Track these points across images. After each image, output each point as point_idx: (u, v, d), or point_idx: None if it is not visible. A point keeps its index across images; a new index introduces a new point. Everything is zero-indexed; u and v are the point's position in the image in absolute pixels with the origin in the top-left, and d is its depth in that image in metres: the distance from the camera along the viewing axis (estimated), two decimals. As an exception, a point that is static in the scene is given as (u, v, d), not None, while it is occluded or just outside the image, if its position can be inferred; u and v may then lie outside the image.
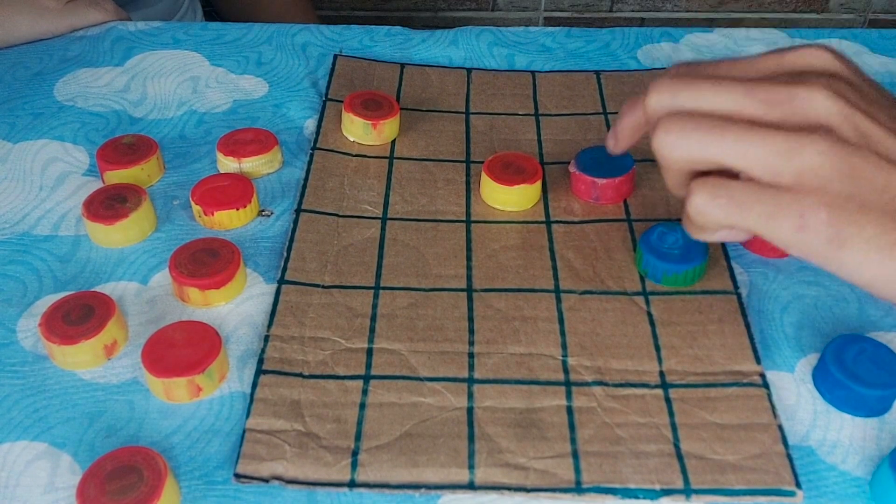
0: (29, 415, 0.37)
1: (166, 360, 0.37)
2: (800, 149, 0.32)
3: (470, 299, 0.42)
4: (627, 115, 0.40)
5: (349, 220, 0.47)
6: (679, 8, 1.33)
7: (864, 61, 0.62)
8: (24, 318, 0.41)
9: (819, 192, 0.32)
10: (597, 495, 0.34)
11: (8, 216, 0.47)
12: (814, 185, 0.32)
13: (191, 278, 0.41)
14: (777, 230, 0.32)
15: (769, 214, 0.32)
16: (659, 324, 0.41)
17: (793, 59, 0.35)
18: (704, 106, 0.34)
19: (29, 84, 0.57)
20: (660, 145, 0.34)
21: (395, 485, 0.34)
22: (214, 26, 0.64)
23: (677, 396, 0.38)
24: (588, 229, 0.46)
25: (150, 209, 0.46)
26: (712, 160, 0.34)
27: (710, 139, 0.33)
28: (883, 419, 0.37)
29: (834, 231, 0.31)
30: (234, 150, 0.49)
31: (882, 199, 0.32)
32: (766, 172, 0.32)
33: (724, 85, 0.34)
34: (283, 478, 0.34)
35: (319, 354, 0.39)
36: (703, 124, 0.33)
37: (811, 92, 0.33)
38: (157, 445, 0.36)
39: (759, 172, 0.33)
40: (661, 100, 0.35)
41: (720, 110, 0.34)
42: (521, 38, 0.64)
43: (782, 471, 0.35)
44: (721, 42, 0.64)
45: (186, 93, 0.57)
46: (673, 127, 0.34)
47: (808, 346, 0.41)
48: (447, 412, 0.37)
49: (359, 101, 0.52)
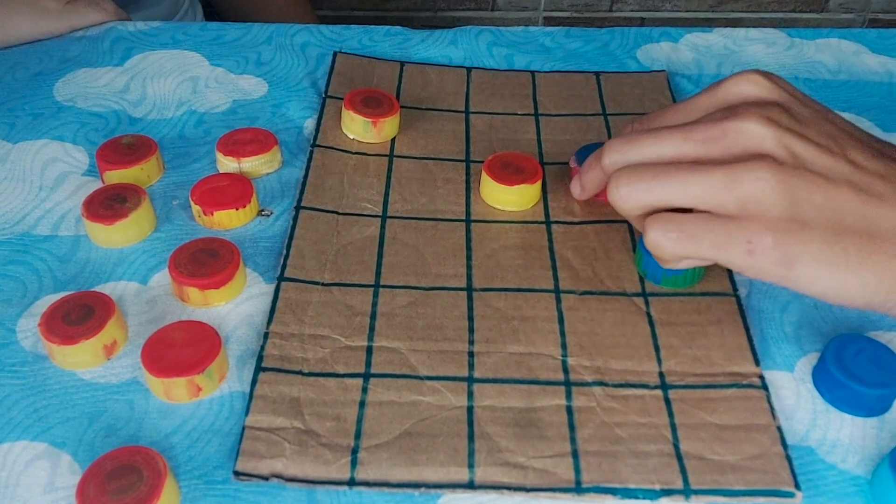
0: (29, 415, 0.37)
1: (166, 360, 0.37)
2: (738, 179, 0.34)
3: (470, 298, 0.42)
4: (590, 171, 0.43)
5: (349, 217, 0.47)
6: (679, 8, 1.33)
7: (864, 61, 0.62)
8: (23, 318, 0.41)
9: (762, 217, 0.34)
10: (596, 495, 0.34)
11: (8, 216, 0.47)
12: (757, 211, 0.34)
13: (190, 278, 0.41)
14: (729, 257, 0.35)
15: (719, 244, 0.34)
16: (658, 324, 0.41)
17: (726, 91, 0.38)
18: (650, 157, 0.37)
19: (29, 84, 0.57)
20: (614, 198, 0.37)
21: (395, 483, 0.34)
22: (214, 26, 0.64)
23: (677, 397, 0.38)
24: (588, 230, 0.46)
25: (149, 209, 0.46)
26: (662, 203, 0.36)
27: (655, 185, 0.36)
28: (882, 419, 0.37)
29: (781, 253, 0.33)
30: (234, 150, 0.49)
31: (823, 216, 0.33)
32: (712, 205, 0.35)
33: (664, 135, 0.37)
34: (282, 475, 0.34)
35: (319, 352, 0.39)
36: (647, 173, 0.36)
37: (743, 123, 0.35)
38: (156, 445, 0.36)
39: (705, 206, 0.35)
40: (613, 158, 0.39)
41: (665, 157, 0.37)
42: (520, 38, 0.64)
43: (781, 471, 0.35)
44: (720, 42, 0.64)
45: (186, 93, 0.57)
46: (622, 181, 0.37)
47: (808, 345, 0.41)
48: (447, 411, 0.37)
49: (359, 98, 0.52)
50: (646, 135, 0.38)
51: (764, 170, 0.34)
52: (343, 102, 0.52)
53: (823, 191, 0.34)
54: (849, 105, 0.58)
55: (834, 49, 0.64)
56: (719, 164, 0.35)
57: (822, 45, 0.64)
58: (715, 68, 0.61)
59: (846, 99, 0.58)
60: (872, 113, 0.57)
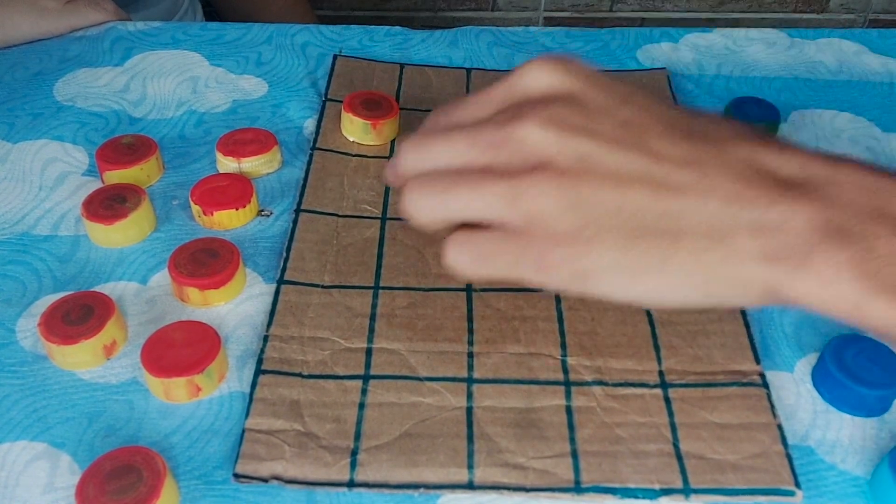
0: (28, 415, 0.37)
1: (166, 360, 0.37)
2: (521, 192, 0.31)
3: (469, 299, 0.42)
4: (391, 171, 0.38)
5: (349, 220, 0.47)
6: (679, 8, 1.33)
7: (864, 61, 0.62)
8: (23, 318, 0.41)
9: (549, 230, 0.31)
10: (596, 495, 0.34)
11: (7, 216, 0.47)
12: (544, 225, 0.31)
13: (190, 278, 0.41)
14: (524, 275, 0.32)
15: (512, 262, 0.32)
16: (658, 323, 0.41)
17: (514, 85, 0.34)
18: (442, 164, 0.34)
19: (28, 84, 0.57)
20: (407, 211, 0.34)
21: (395, 484, 0.34)
22: (214, 26, 0.64)
23: (677, 396, 0.38)
24: (587, 229, 0.46)
25: (149, 209, 0.46)
26: (455, 217, 0.33)
27: (445, 198, 0.33)
28: (882, 419, 0.37)
29: (572, 268, 0.31)
30: (234, 150, 0.49)
31: (617, 222, 0.30)
32: (499, 221, 0.32)
33: (453, 139, 0.34)
34: (282, 478, 0.34)
35: (319, 354, 0.39)
36: (437, 184, 0.33)
37: (524, 128, 0.32)
38: (156, 445, 0.36)
39: (493, 222, 0.32)
40: (408, 164, 0.35)
41: (456, 165, 0.33)
42: (520, 38, 0.64)
43: (782, 470, 0.35)
44: (721, 42, 0.64)
45: (186, 93, 0.57)
46: (413, 193, 0.34)
47: (808, 345, 0.41)
48: (446, 412, 0.37)
49: (358, 100, 0.52)
50: (438, 137, 0.34)
51: (545, 182, 0.31)
52: (342, 105, 0.52)
53: (614, 194, 0.30)
54: (849, 105, 0.58)
55: (835, 49, 0.64)
56: (505, 174, 0.32)
57: (822, 46, 0.64)
58: (715, 68, 0.61)
59: (847, 99, 0.58)
60: (873, 113, 0.57)
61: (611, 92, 0.33)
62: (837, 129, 0.55)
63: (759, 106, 0.54)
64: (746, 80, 0.60)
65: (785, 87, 0.59)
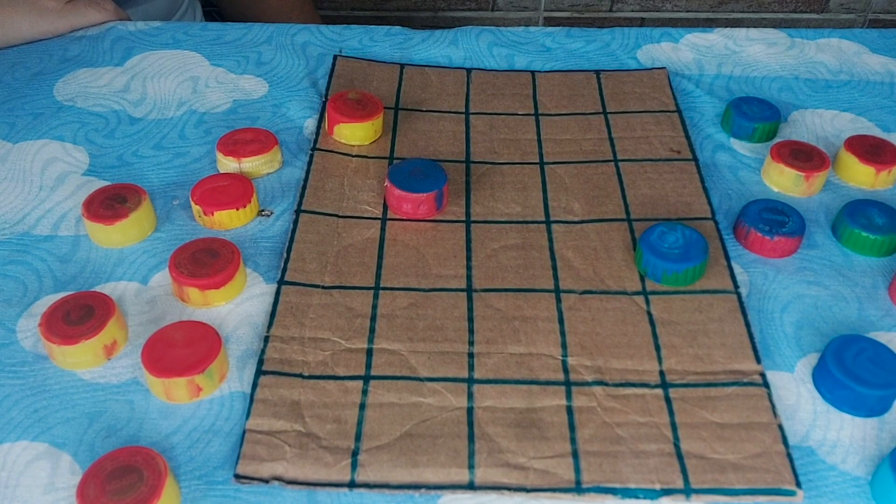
0: (29, 415, 0.37)
1: (166, 360, 0.37)
2: None
3: (470, 299, 0.42)
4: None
5: (349, 220, 0.47)
6: (679, 8, 1.33)
7: (864, 61, 0.62)
8: (23, 318, 0.41)
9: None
10: (597, 495, 0.34)
11: (8, 216, 0.47)
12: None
13: (191, 278, 0.41)
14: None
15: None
16: (659, 323, 0.41)
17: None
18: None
19: (29, 84, 0.57)
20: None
21: (395, 485, 0.34)
22: (214, 26, 0.64)
23: (677, 396, 0.38)
24: (588, 229, 0.46)
25: (149, 209, 0.46)
26: None
27: None
28: (883, 419, 0.37)
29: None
30: (234, 150, 0.49)
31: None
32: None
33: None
34: (283, 478, 0.34)
35: (319, 355, 0.39)
36: None
37: None
38: (157, 445, 0.36)
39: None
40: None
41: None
42: (520, 38, 0.64)
43: (782, 470, 0.35)
44: (721, 42, 0.64)
45: (186, 93, 0.57)
46: None
47: (808, 345, 0.41)
48: (447, 412, 0.37)
49: (343, 100, 0.53)
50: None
51: None
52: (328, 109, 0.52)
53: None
54: (850, 105, 0.58)
55: (835, 49, 0.64)
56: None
57: (822, 46, 0.64)
58: (715, 68, 0.61)
59: (847, 99, 0.58)
60: (873, 113, 0.57)
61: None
62: (837, 129, 0.55)
63: (759, 106, 0.54)
64: (747, 80, 0.60)
65: (785, 87, 0.59)
